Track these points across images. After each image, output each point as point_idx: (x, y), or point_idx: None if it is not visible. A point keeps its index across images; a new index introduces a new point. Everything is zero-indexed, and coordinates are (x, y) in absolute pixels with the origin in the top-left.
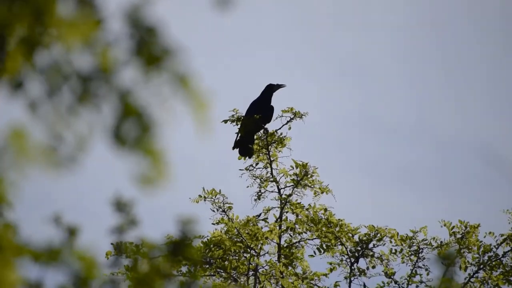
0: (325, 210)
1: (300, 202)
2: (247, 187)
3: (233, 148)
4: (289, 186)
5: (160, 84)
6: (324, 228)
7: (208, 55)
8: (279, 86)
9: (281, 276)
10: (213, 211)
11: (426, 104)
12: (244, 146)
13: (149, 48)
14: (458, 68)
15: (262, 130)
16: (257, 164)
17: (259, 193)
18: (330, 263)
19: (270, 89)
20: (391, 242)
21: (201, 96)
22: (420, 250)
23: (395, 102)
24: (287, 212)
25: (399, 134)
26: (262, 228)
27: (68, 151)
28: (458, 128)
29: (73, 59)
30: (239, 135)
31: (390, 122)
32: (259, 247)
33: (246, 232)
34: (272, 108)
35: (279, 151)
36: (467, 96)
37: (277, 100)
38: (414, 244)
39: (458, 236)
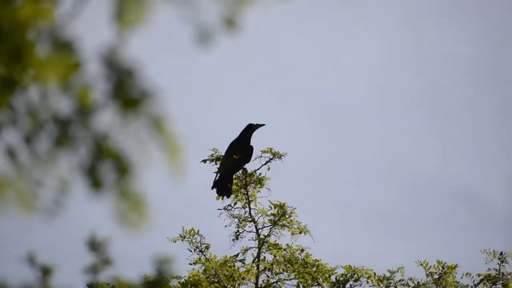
0: (302, 250)
1: (278, 243)
2: (225, 226)
3: (212, 187)
4: (267, 226)
5: (137, 127)
6: (301, 269)
7: (187, 94)
8: (258, 126)
9: None
10: (191, 251)
11: (402, 145)
12: (222, 186)
13: (126, 90)
14: (434, 108)
15: (241, 170)
16: (235, 204)
17: (237, 233)
18: None
19: (250, 128)
20: (368, 282)
21: (175, 140)
22: None
23: (370, 144)
24: (265, 252)
25: (374, 176)
26: (239, 268)
27: (51, 195)
28: (433, 169)
29: (50, 102)
30: (218, 174)
31: (364, 164)
32: (236, 287)
33: (224, 272)
34: (251, 148)
35: (258, 191)
36: (442, 137)
37: (257, 140)
38: (392, 285)
39: (436, 276)
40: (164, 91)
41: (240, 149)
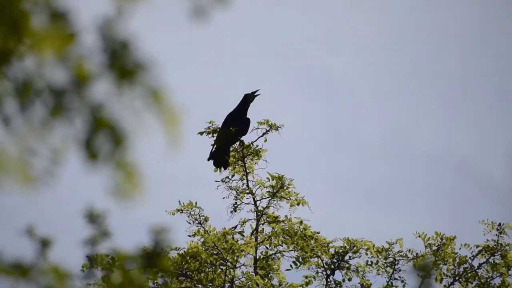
0: (301, 222)
1: (277, 216)
2: (223, 198)
3: (208, 159)
4: (265, 198)
5: (133, 98)
6: (299, 241)
7: (184, 65)
8: (253, 94)
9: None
10: (189, 223)
11: (402, 119)
12: (219, 158)
13: (121, 62)
14: (432, 82)
15: (238, 142)
16: (233, 176)
17: (235, 205)
18: (306, 277)
19: (246, 99)
20: (367, 254)
21: (172, 111)
22: (396, 262)
23: (370, 119)
24: (263, 224)
25: (374, 149)
26: (238, 240)
27: (43, 165)
28: (432, 143)
29: (46, 73)
30: (215, 146)
31: (364, 138)
32: (235, 259)
33: (223, 245)
34: (248, 120)
35: (255, 163)
36: (441, 110)
37: (254, 112)
38: (390, 256)
39: (434, 248)
40: (160, 63)
41: (237, 121)
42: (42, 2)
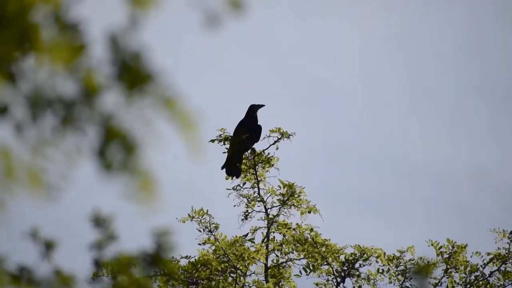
0: (311, 230)
1: (288, 222)
2: (234, 206)
3: (222, 168)
4: (276, 206)
5: (144, 107)
6: (310, 248)
7: (192, 75)
8: (259, 106)
9: None
10: (200, 231)
11: (400, 131)
12: (231, 166)
13: (131, 73)
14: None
15: (250, 150)
16: (244, 184)
17: (246, 213)
18: (317, 284)
19: (252, 109)
20: (377, 262)
21: (188, 117)
22: (407, 270)
23: (368, 131)
24: (274, 232)
25: (378, 163)
26: (249, 248)
27: (56, 171)
28: (441, 150)
29: (56, 84)
30: (228, 155)
31: (357, 150)
32: (246, 267)
33: (233, 252)
34: (259, 128)
35: (267, 171)
36: (445, 120)
37: (265, 120)
38: (401, 264)
39: (446, 255)
40: (170, 72)
41: (248, 128)
42: (52, 14)
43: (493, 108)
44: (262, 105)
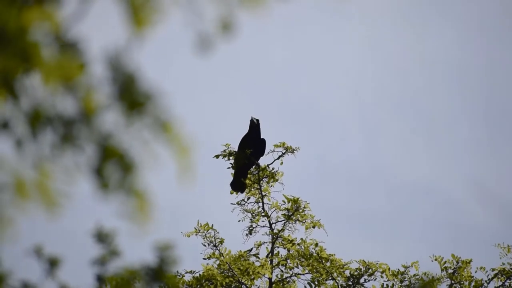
0: (316, 244)
1: (292, 238)
2: (239, 221)
3: (231, 184)
4: (280, 221)
5: (142, 128)
6: (315, 263)
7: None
8: (257, 119)
9: None
10: (205, 245)
11: (389, 151)
12: (236, 181)
13: (131, 93)
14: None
15: (254, 165)
16: (248, 198)
17: (251, 228)
18: None
19: (252, 122)
20: (382, 277)
21: (183, 141)
22: (412, 285)
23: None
24: (278, 246)
25: (373, 182)
26: (254, 262)
27: (58, 187)
28: (439, 168)
29: (56, 102)
30: (233, 170)
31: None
32: (250, 282)
33: (238, 267)
34: (264, 141)
35: (271, 186)
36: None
37: (268, 135)
38: (406, 279)
39: (450, 271)
40: (169, 93)
41: (252, 143)
42: (52, 33)
43: (487, 125)
44: (257, 120)
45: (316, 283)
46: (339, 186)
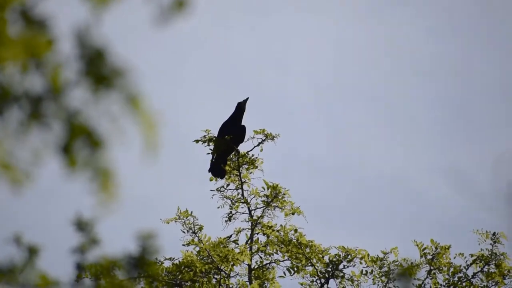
0: (296, 230)
1: (272, 225)
2: (218, 208)
3: (209, 171)
4: (260, 208)
5: (110, 103)
6: (294, 249)
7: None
8: (245, 101)
9: None
10: (184, 232)
11: (360, 142)
12: (216, 167)
13: (98, 68)
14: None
15: (234, 151)
16: (228, 185)
17: (230, 215)
18: (301, 284)
19: (239, 107)
20: (361, 263)
21: (150, 117)
22: (391, 271)
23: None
24: (258, 233)
25: (343, 174)
26: (233, 249)
27: (23, 167)
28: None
29: (22, 79)
30: (213, 156)
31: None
32: (229, 269)
33: (217, 254)
34: (243, 128)
35: (251, 173)
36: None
37: (249, 123)
38: (385, 265)
39: (429, 257)
40: (137, 69)
41: (233, 129)
42: (18, 9)
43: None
44: (246, 99)
45: (296, 269)
46: (309, 178)
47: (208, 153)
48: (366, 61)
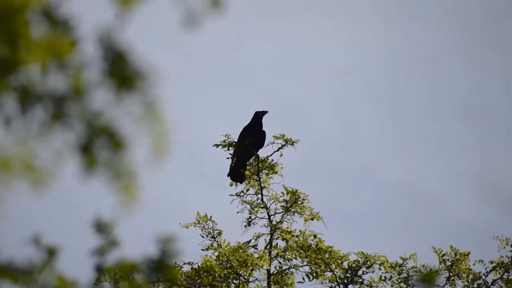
0: (315, 236)
1: (291, 230)
2: (238, 212)
3: (228, 175)
4: (279, 213)
5: (131, 105)
6: (313, 255)
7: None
8: (264, 113)
9: None
10: (203, 237)
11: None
12: (236, 172)
13: (121, 70)
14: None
15: (254, 156)
16: (247, 190)
17: (249, 219)
18: None
19: (257, 116)
20: (380, 269)
21: (164, 123)
22: (410, 278)
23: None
24: (277, 238)
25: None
26: (252, 254)
27: (45, 167)
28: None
29: (46, 80)
30: (233, 161)
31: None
32: (248, 274)
33: (236, 258)
34: (264, 133)
35: (270, 178)
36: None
37: (269, 127)
38: (404, 271)
39: (448, 263)
40: (159, 72)
41: (253, 134)
42: (42, 11)
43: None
44: (266, 112)
45: (314, 274)
46: (327, 183)
47: (228, 158)
48: (386, 68)
